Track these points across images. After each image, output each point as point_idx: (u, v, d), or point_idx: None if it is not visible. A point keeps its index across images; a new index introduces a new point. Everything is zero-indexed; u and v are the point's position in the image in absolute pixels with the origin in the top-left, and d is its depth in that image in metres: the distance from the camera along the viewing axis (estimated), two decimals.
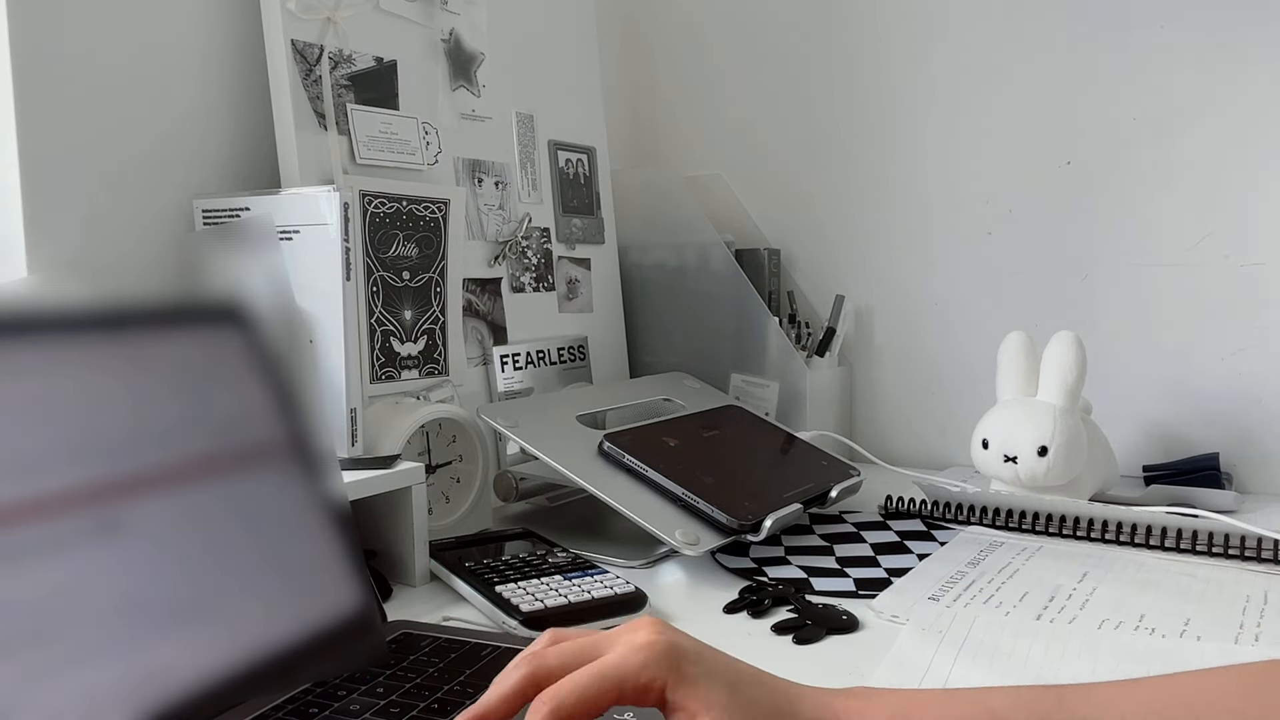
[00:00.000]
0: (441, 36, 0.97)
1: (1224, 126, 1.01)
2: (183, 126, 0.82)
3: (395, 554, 0.75)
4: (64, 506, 0.41)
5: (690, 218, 1.19)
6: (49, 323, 0.45)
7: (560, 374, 1.08)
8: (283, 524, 0.50)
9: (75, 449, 0.43)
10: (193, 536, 0.46)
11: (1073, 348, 0.91)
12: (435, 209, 0.88)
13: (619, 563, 0.79)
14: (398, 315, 0.86)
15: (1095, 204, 1.08)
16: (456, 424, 0.86)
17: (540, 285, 1.08)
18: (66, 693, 0.39)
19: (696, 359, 1.18)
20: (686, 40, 1.33)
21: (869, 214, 1.21)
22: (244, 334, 0.53)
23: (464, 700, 0.50)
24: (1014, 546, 0.82)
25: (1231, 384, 1.02)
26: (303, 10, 0.84)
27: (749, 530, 0.77)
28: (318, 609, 0.50)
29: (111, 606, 0.41)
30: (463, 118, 0.99)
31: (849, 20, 1.21)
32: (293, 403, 0.53)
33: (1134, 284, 1.06)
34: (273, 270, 0.56)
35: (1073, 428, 0.89)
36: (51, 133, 0.73)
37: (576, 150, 1.14)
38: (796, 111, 1.25)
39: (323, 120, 0.85)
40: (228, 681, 0.44)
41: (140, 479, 0.45)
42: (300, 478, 0.52)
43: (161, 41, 0.81)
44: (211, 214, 0.81)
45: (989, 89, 1.13)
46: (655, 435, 0.88)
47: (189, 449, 0.47)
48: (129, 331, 0.48)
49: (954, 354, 1.16)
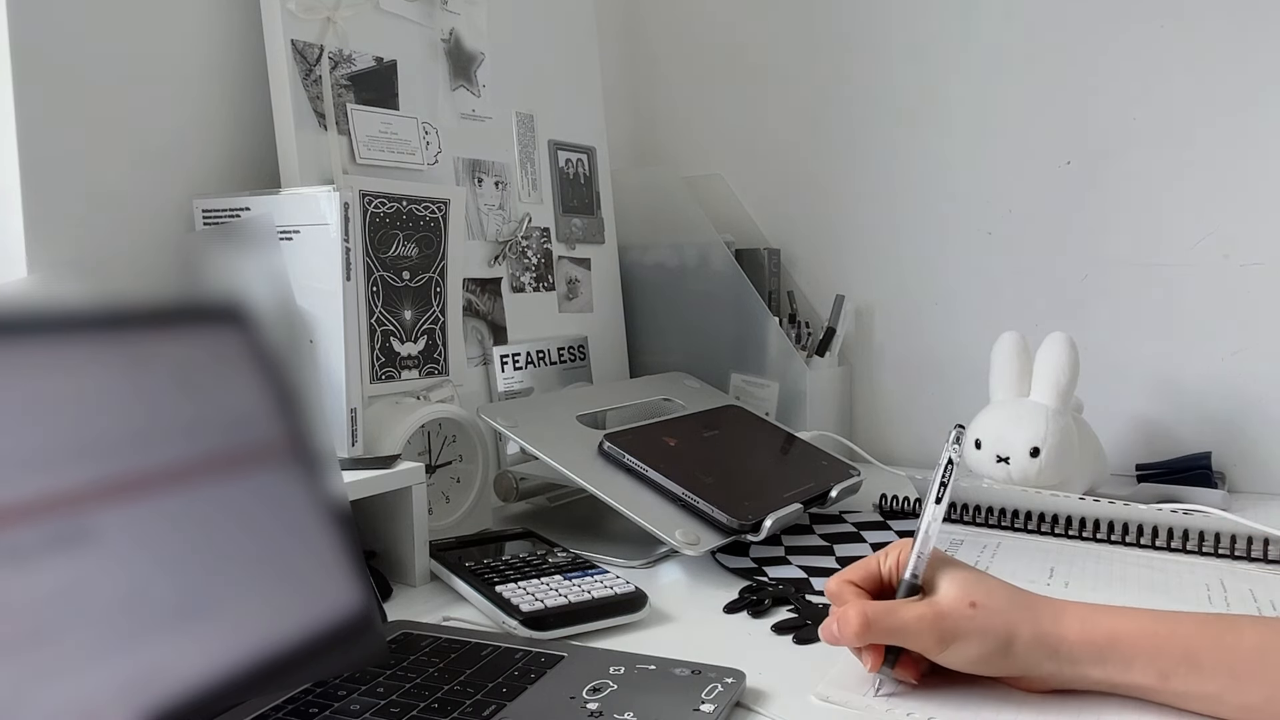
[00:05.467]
0: (441, 36, 0.97)
1: (1224, 126, 1.01)
2: (183, 126, 0.82)
3: (395, 554, 0.75)
4: (64, 506, 0.41)
5: (690, 218, 1.19)
6: (49, 323, 0.45)
7: (560, 374, 1.08)
8: (283, 524, 0.50)
9: (75, 449, 0.43)
10: (193, 536, 0.46)
11: (1065, 349, 0.91)
12: (435, 209, 0.88)
13: (619, 563, 0.79)
14: (398, 315, 0.86)
15: (1095, 204, 1.08)
16: (456, 424, 0.86)
17: (540, 285, 1.08)
18: (66, 693, 0.39)
19: (696, 359, 1.18)
20: (686, 40, 1.33)
21: (869, 214, 1.21)
22: (244, 334, 0.53)
23: (464, 700, 0.50)
24: (992, 542, 0.82)
25: (1230, 384, 1.02)
26: (303, 10, 0.84)
27: (749, 530, 0.77)
28: (318, 609, 0.50)
29: (111, 606, 0.41)
30: (463, 118, 0.99)
31: (849, 21, 1.21)
32: (293, 403, 0.53)
33: (1134, 284, 1.06)
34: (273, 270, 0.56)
35: (1064, 429, 0.90)
36: (51, 133, 0.73)
37: (576, 150, 1.14)
38: (796, 111, 1.25)
39: (323, 120, 0.85)
40: (228, 681, 0.44)
41: (140, 479, 0.45)
42: (300, 478, 0.52)
43: (161, 42, 0.81)
44: (211, 214, 0.81)
45: (989, 89, 1.13)
46: (655, 435, 0.88)
47: (189, 449, 0.47)
48: (129, 331, 0.48)
49: (954, 354, 1.16)
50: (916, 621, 0.52)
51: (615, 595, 0.66)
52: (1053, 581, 0.73)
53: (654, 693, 0.52)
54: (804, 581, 0.74)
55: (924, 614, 0.52)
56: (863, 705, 0.52)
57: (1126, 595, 0.70)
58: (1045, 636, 0.51)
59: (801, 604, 0.68)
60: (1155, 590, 0.71)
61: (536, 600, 0.64)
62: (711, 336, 1.18)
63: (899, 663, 0.54)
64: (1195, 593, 0.70)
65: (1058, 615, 0.52)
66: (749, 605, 0.68)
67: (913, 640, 0.52)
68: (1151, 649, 0.50)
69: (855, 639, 0.53)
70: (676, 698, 0.51)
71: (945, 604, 0.53)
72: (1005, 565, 0.77)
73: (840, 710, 0.52)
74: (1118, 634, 0.51)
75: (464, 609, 0.68)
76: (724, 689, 0.52)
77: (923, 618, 0.52)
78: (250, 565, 0.48)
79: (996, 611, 0.52)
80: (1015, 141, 1.12)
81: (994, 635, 0.51)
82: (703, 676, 0.54)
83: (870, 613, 0.52)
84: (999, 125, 1.12)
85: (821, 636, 0.55)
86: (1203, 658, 0.49)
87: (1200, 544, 0.79)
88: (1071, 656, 0.51)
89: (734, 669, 0.55)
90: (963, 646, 0.52)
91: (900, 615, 0.53)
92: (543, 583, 0.67)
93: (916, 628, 0.52)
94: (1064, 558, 0.79)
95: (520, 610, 0.62)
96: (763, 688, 0.55)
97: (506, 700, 0.51)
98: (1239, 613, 0.66)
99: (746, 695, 0.54)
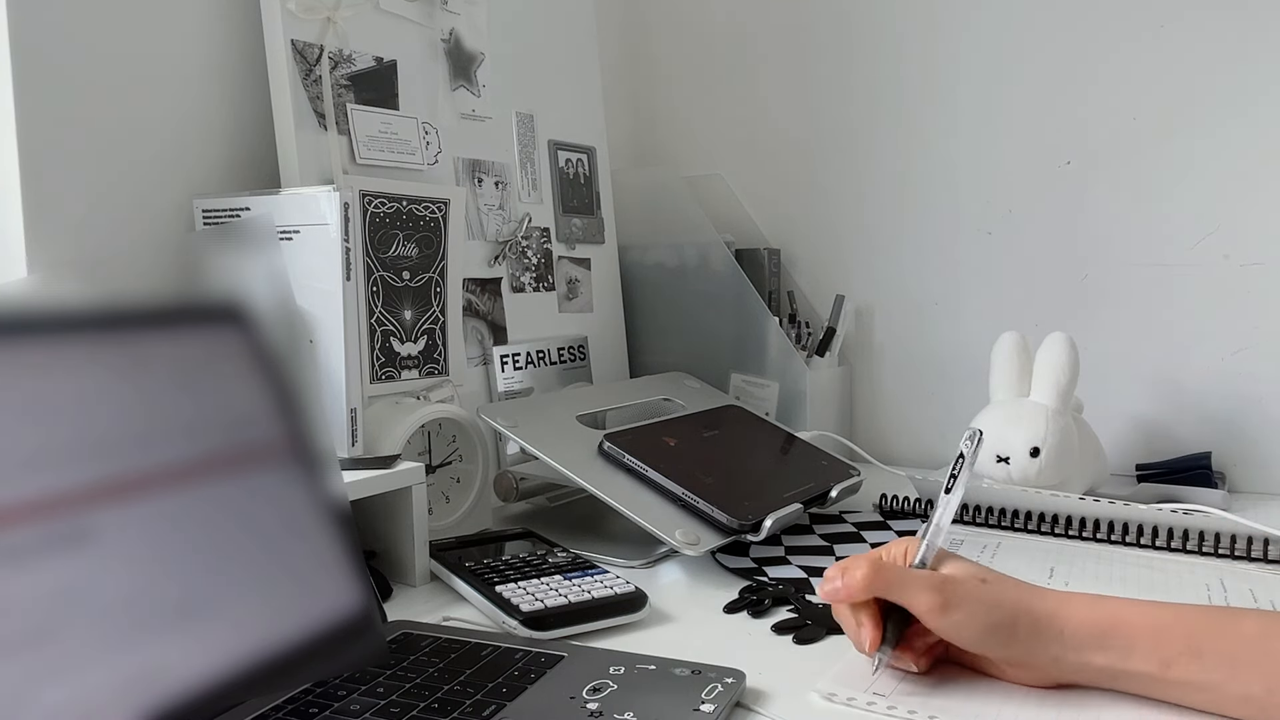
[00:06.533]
0: (441, 36, 0.97)
1: (1224, 126, 1.01)
2: (183, 126, 0.82)
3: (395, 554, 0.75)
4: (64, 506, 0.41)
5: (690, 218, 1.19)
6: (49, 323, 0.45)
7: (560, 374, 1.08)
8: (283, 524, 0.50)
9: (75, 449, 0.43)
10: (193, 536, 0.46)
11: (1065, 349, 0.91)
12: (435, 209, 0.88)
13: (619, 563, 0.79)
14: (398, 315, 0.86)
15: (1095, 204, 1.08)
16: (456, 424, 0.86)
17: (540, 285, 1.08)
18: (67, 692, 0.39)
19: (696, 359, 1.18)
20: (686, 40, 1.33)
21: (869, 214, 1.21)
22: (244, 334, 0.53)
23: (464, 700, 0.50)
24: (992, 542, 0.82)
25: (1230, 384, 1.02)
26: (303, 10, 0.84)
27: (749, 530, 0.77)
28: (318, 609, 0.50)
29: (111, 606, 0.41)
30: (463, 118, 0.99)
31: (849, 21, 1.21)
32: (293, 403, 0.53)
33: (1133, 284, 1.06)
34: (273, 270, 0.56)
35: (1065, 429, 0.90)
36: (51, 133, 0.73)
37: (576, 150, 1.14)
38: (796, 111, 1.25)
39: (323, 120, 0.85)
40: (228, 681, 0.44)
41: (140, 479, 0.45)
42: (300, 478, 0.52)
43: (161, 41, 0.81)
44: (211, 214, 0.81)
45: (989, 89, 1.13)
46: (655, 435, 0.88)
47: (189, 449, 0.47)
48: (129, 331, 0.48)
49: (954, 354, 1.16)
50: (923, 577, 0.53)
51: (615, 595, 0.66)
52: (1053, 581, 0.73)
53: (654, 693, 0.52)
54: (804, 581, 0.74)
55: (930, 575, 0.53)
56: (864, 704, 0.52)
57: (1126, 594, 0.69)
58: (1050, 618, 0.52)
59: (801, 604, 0.68)
60: (1155, 590, 0.71)
61: (536, 600, 0.64)
62: (711, 336, 1.18)
63: (899, 648, 0.54)
64: (1195, 593, 0.70)
65: (1064, 599, 0.53)
66: (749, 605, 0.68)
67: (916, 597, 0.52)
68: (1154, 636, 0.50)
69: (860, 588, 0.53)
70: (676, 698, 0.51)
71: (955, 573, 0.54)
72: (1005, 565, 0.77)
73: (841, 709, 0.52)
74: (1121, 620, 0.51)
75: (464, 609, 0.68)
76: (724, 689, 0.52)
77: (931, 576, 0.53)
78: (250, 565, 0.48)
79: (1005, 588, 0.53)
80: (1015, 141, 1.12)
81: (999, 608, 0.52)
82: (703, 676, 0.54)
83: (876, 564, 0.54)
84: (999, 125, 1.12)
85: (820, 593, 0.55)
86: (1204, 647, 0.49)
87: (1200, 544, 0.79)
88: (1075, 641, 0.51)
89: (734, 669, 0.55)
90: (968, 615, 0.52)
91: (907, 571, 0.54)
92: (543, 583, 0.67)
93: (922, 583, 0.53)
94: (1064, 557, 0.79)
95: (520, 610, 0.62)
96: (763, 688, 0.55)
97: (506, 700, 0.51)
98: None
99: (746, 695, 0.54)
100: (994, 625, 0.52)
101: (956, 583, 0.53)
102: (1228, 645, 0.49)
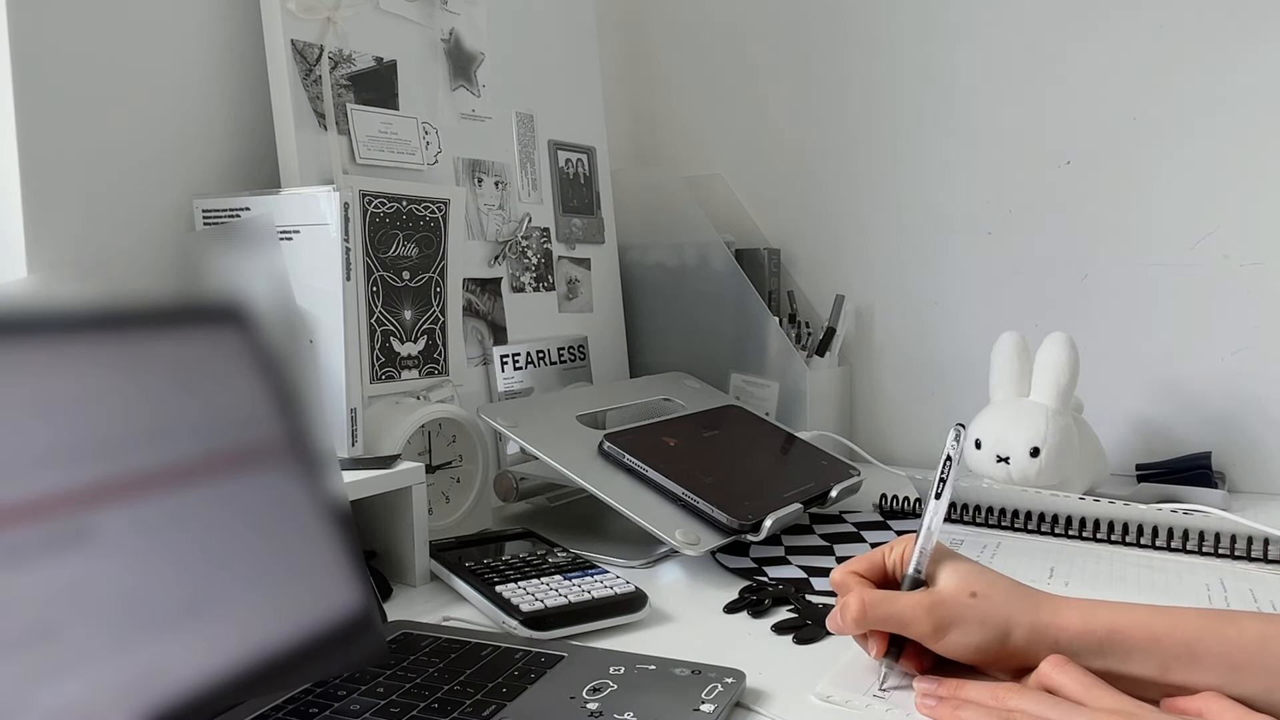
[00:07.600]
0: (441, 36, 0.97)
1: (1223, 126, 1.01)
2: (183, 126, 0.82)
3: (395, 554, 0.75)
4: (64, 506, 0.41)
5: (690, 218, 1.19)
6: (49, 323, 0.45)
7: (560, 374, 1.08)
8: (283, 524, 0.50)
9: (76, 448, 0.43)
10: (193, 536, 0.46)
11: (1065, 349, 0.91)
12: (435, 209, 0.88)
13: (619, 563, 0.79)
14: (398, 315, 0.86)
15: (1095, 204, 1.08)
16: (456, 424, 0.86)
17: (540, 285, 1.08)
18: (66, 693, 0.39)
19: (696, 359, 1.18)
20: (686, 40, 1.33)
21: (869, 214, 1.21)
22: (244, 334, 0.53)
23: (464, 700, 0.50)
24: (992, 542, 0.82)
25: (1231, 384, 1.02)
26: (303, 10, 0.84)
27: (749, 530, 0.77)
28: (318, 609, 0.50)
29: (111, 606, 0.41)
30: (463, 118, 0.99)
31: (849, 21, 1.21)
32: (293, 403, 0.53)
33: (1134, 284, 1.06)
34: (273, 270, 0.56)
35: (1064, 429, 0.90)
36: (52, 133, 0.73)
37: (576, 150, 1.14)
38: (796, 112, 1.25)
39: (323, 120, 0.85)
40: (228, 681, 0.44)
41: (140, 479, 0.45)
42: (300, 478, 0.52)
43: (161, 42, 0.81)
44: (211, 214, 0.81)
45: (989, 89, 1.13)
46: (655, 435, 0.88)
47: (189, 449, 0.47)
48: (129, 331, 0.48)
49: (954, 354, 1.16)
50: (913, 608, 0.53)
51: (615, 595, 0.66)
52: (1053, 581, 0.73)
53: (654, 693, 0.52)
54: (804, 581, 0.74)
55: (921, 601, 0.53)
56: (863, 705, 0.52)
57: (1126, 595, 0.70)
58: (1045, 627, 0.52)
59: (801, 604, 0.68)
60: (1155, 590, 0.71)
61: (536, 600, 0.64)
62: (711, 336, 1.18)
63: (903, 655, 0.54)
64: (1195, 593, 0.70)
65: (1057, 608, 0.53)
66: (749, 605, 0.68)
67: (910, 627, 0.53)
68: (1150, 641, 0.50)
69: (853, 625, 0.54)
70: (676, 698, 0.51)
71: (944, 593, 0.54)
72: (1005, 565, 0.77)
73: (840, 710, 0.52)
74: (1117, 626, 0.51)
75: (464, 609, 0.68)
76: (724, 689, 0.52)
77: (919, 604, 0.53)
78: (250, 565, 0.48)
79: (996, 601, 0.53)
80: (1015, 141, 1.12)
81: (992, 624, 0.52)
82: (703, 676, 0.54)
83: (868, 599, 0.54)
84: (999, 125, 1.12)
85: (828, 625, 0.57)
86: (1202, 650, 0.49)
87: (1200, 544, 0.79)
88: (1071, 648, 0.51)
89: (734, 669, 0.55)
90: (961, 634, 0.52)
91: (898, 603, 0.54)
92: (543, 583, 0.67)
93: (913, 614, 0.53)
94: (1064, 557, 0.79)
95: (520, 610, 0.62)
96: (763, 688, 0.55)
97: (506, 700, 0.51)
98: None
99: (746, 695, 0.54)
100: (987, 641, 0.52)
101: (946, 604, 0.53)
102: (1225, 648, 0.49)
